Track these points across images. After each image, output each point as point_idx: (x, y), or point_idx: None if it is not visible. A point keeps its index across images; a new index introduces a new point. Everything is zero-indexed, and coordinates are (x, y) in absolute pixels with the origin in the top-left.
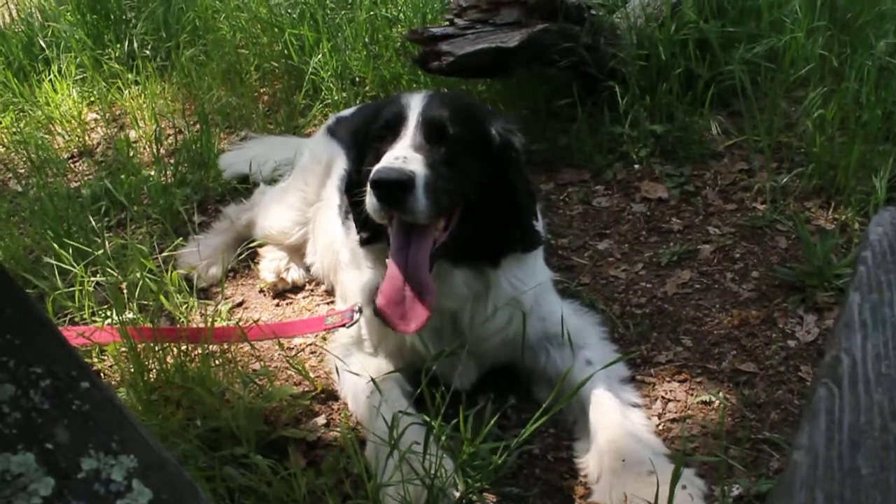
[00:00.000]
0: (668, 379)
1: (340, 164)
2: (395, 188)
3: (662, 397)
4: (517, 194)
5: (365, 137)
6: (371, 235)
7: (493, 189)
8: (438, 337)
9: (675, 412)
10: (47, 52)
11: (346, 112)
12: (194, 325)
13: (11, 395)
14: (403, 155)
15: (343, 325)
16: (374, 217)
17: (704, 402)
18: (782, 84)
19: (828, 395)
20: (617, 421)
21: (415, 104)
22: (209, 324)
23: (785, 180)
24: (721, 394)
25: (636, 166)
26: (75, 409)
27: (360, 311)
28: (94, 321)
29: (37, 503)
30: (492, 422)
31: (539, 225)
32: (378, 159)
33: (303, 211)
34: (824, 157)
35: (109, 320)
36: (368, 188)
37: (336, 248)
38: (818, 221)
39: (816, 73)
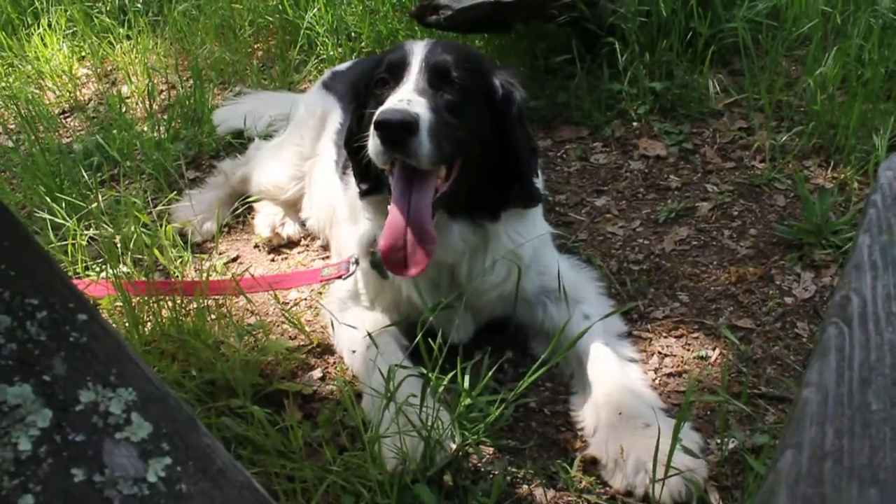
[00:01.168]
0: (664, 334)
1: (336, 118)
2: (400, 129)
3: (659, 352)
4: (518, 148)
5: (366, 86)
6: (371, 186)
7: (493, 141)
8: (436, 290)
9: (672, 367)
10: (36, 4)
11: (342, 66)
12: (189, 280)
13: (7, 326)
14: (408, 98)
15: (339, 277)
16: (377, 161)
17: (701, 358)
18: (784, 42)
19: (838, 334)
20: (614, 375)
21: (418, 50)
22: (204, 277)
23: (784, 139)
24: (717, 349)
25: (635, 123)
26: (72, 340)
27: (357, 263)
28: (88, 275)
29: (35, 434)
30: (488, 375)
31: (539, 181)
32: (380, 104)
33: (298, 165)
34: (825, 115)
35: (104, 274)
36: (372, 130)
37: (332, 203)
38: (817, 180)
39: (819, 30)
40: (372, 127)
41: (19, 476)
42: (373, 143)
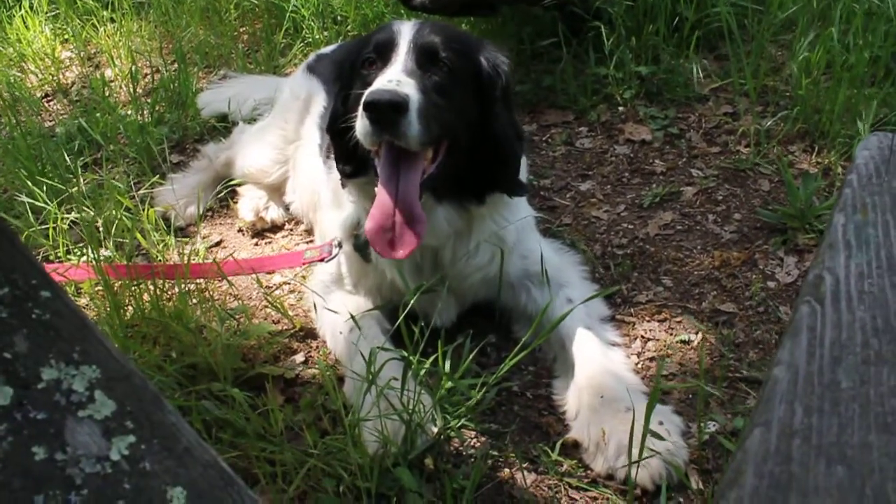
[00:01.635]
0: (647, 318)
1: (320, 102)
2: (389, 110)
3: (642, 336)
4: (499, 128)
5: (352, 66)
6: (355, 168)
7: (480, 123)
8: (419, 273)
9: (655, 351)
10: None
11: (327, 49)
12: (171, 263)
13: None
14: (396, 78)
15: (321, 260)
16: (365, 142)
17: (683, 342)
18: (769, 27)
19: (810, 313)
20: (596, 358)
21: (406, 30)
22: (186, 261)
23: (769, 124)
24: (700, 333)
25: (620, 108)
26: (35, 318)
27: (340, 245)
28: (69, 259)
29: None
30: (469, 357)
31: (523, 168)
32: (367, 85)
33: (282, 149)
34: (809, 100)
35: (85, 258)
36: (360, 111)
37: (316, 188)
38: (801, 165)
39: (804, 15)
40: (360, 107)
41: None
42: (361, 124)
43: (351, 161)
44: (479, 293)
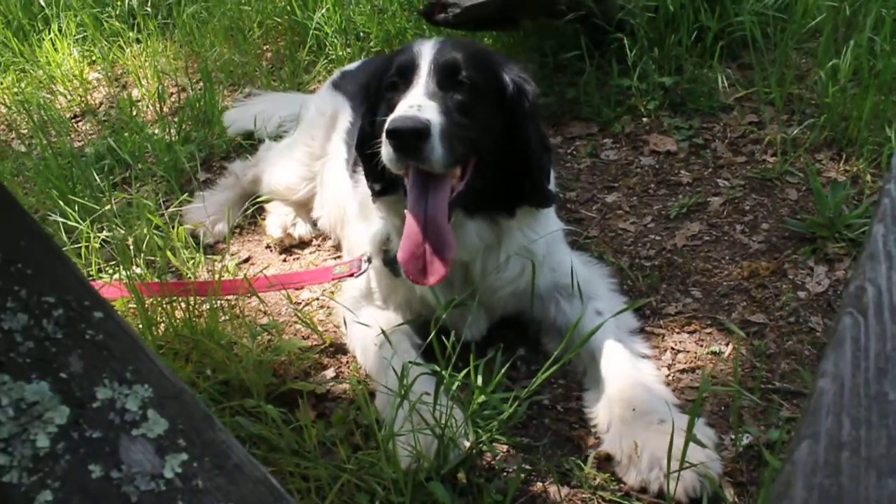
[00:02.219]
0: (677, 330)
1: (346, 118)
2: (411, 137)
3: (672, 348)
4: (530, 144)
5: (376, 89)
6: (385, 187)
7: (506, 138)
8: (449, 287)
9: (685, 363)
10: (46, 10)
11: (352, 66)
12: (202, 280)
13: (24, 324)
14: (418, 103)
15: (351, 275)
16: (391, 168)
17: (714, 353)
18: (793, 35)
19: (853, 324)
20: (627, 371)
21: (426, 51)
22: (216, 278)
23: (795, 132)
24: (730, 345)
25: (644, 119)
26: (88, 338)
27: (369, 261)
28: (101, 277)
29: (52, 431)
30: (501, 371)
31: (551, 179)
32: (391, 109)
33: (309, 166)
34: (836, 108)
35: (117, 276)
36: (384, 139)
37: (343, 203)
38: (829, 173)
39: (829, 22)
40: (384, 135)
41: (38, 472)
42: (385, 151)
43: (380, 180)
44: (508, 306)
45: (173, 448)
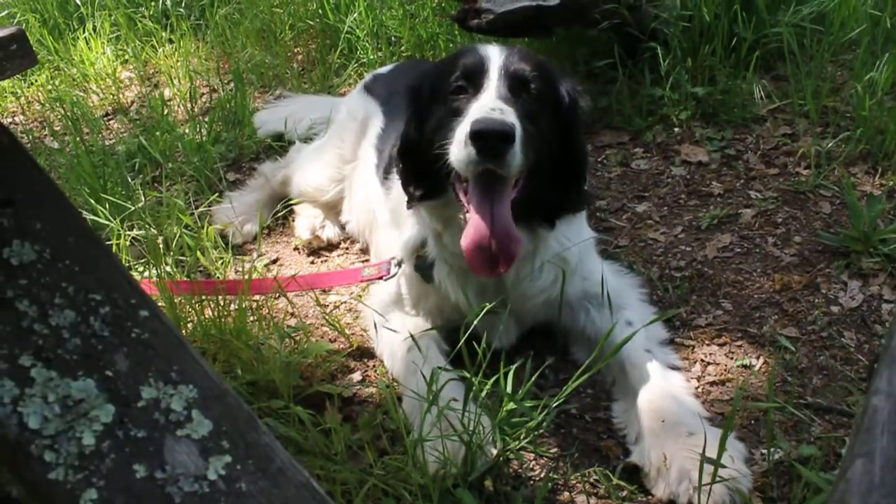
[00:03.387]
0: (707, 342)
1: (377, 123)
2: (497, 140)
3: (702, 360)
4: (581, 154)
5: (433, 92)
6: (427, 191)
7: (559, 148)
8: (482, 294)
9: (715, 375)
10: (82, 9)
11: (384, 70)
12: (231, 279)
13: (72, 321)
14: (499, 107)
15: (380, 278)
16: (464, 170)
17: (744, 366)
18: (830, 47)
19: None
20: (657, 382)
21: (494, 56)
22: (245, 278)
23: (830, 145)
24: (761, 358)
25: (676, 129)
26: (134, 336)
27: (399, 265)
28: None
29: (98, 429)
30: (531, 380)
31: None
32: (456, 113)
33: (339, 168)
34: (873, 121)
35: (147, 274)
36: (464, 139)
37: (372, 208)
38: (864, 187)
39: (867, 34)
40: (466, 136)
41: (83, 470)
42: (464, 153)
43: (422, 184)
44: (539, 315)
45: (217, 450)
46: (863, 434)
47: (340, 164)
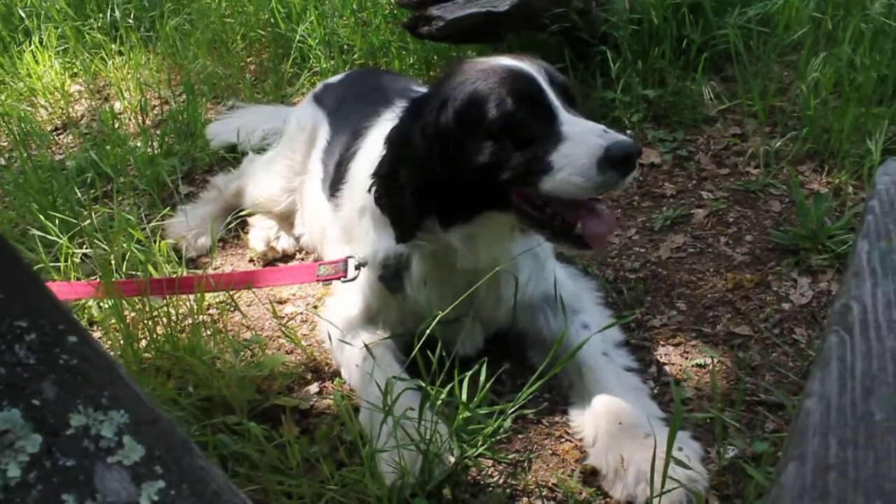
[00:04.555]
0: (662, 343)
1: (324, 135)
2: (636, 158)
3: (657, 361)
4: None
5: (463, 125)
6: (453, 218)
7: None
8: (449, 301)
9: (671, 376)
10: (27, 22)
11: (334, 79)
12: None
13: None
14: (603, 126)
15: (337, 278)
16: (584, 193)
17: (699, 366)
18: (775, 48)
19: (839, 343)
20: (613, 384)
21: (534, 72)
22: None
23: (778, 144)
24: (715, 357)
25: (628, 132)
26: (62, 363)
27: (358, 268)
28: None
29: (24, 460)
30: (486, 386)
31: None
32: (528, 141)
33: (290, 179)
34: (818, 120)
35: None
36: (596, 165)
37: (322, 224)
38: (812, 185)
39: (810, 36)
40: (600, 162)
41: (8, 503)
42: (597, 179)
43: (451, 215)
44: (505, 320)
45: (150, 475)
46: (796, 437)
47: (291, 175)
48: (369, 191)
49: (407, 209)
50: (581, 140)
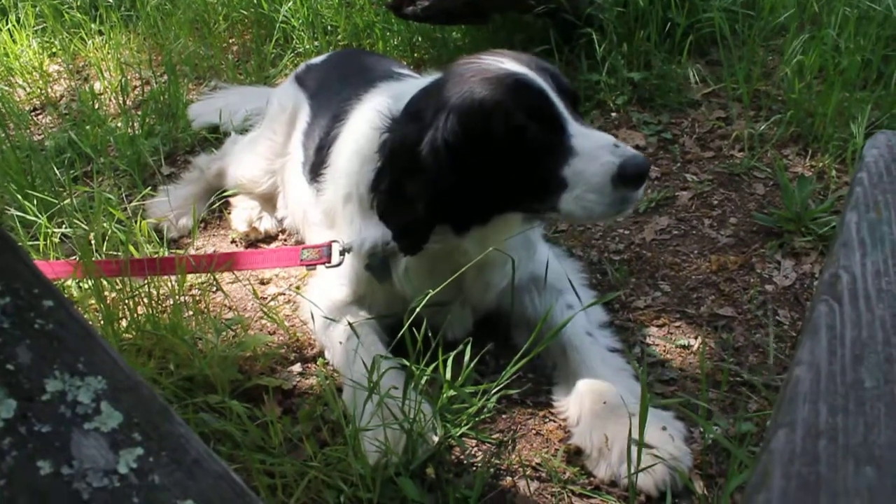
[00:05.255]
0: (646, 324)
1: (304, 117)
2: (647, 174)
3: (641, 342)
4: None
5: (469, 140)
6: (465, 223)
7: None
8: (443, 291)
9: (655, 356)
10: (3, 0)
11: (317, 60)
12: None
13: None
14: (613, 139)
15: (322, 263)
16: (598, 213)
17: (683, 346)
18: (760, 32)
19: (828, 312)
20: (597, 364)
21: (538, 79)
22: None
23: (763, 128)
24: (699, 338)
25: (613, 114)
26: (38, 328)
27: (342, 254)
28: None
29: None
30: (470, 366)
31: None
32: (538, 157)
33: (271, 160)
34: (802, 104)
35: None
36: (610, 184)
37: (304, 208)
38: (795, 168)
39: (795, 20)
40: (614, 180)
41: None
42: (611, 196)
43: (464, 224)
44: (494, 302)
45: (128, 442)
46: (785, 404)
47: (273, 156)
48: (371, 206)
49: (419, 223)
50: (593, 156)
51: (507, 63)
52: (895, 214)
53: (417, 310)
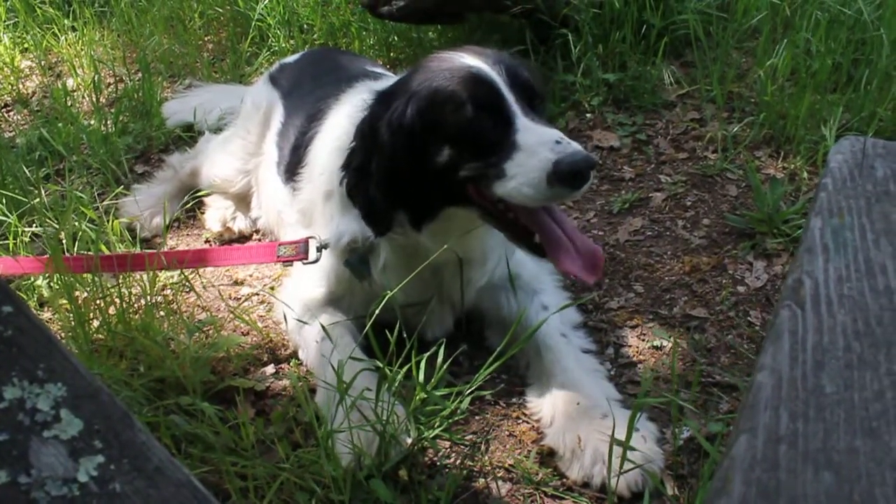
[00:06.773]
0: (620, 325)
1: (278, 116)
2: (589, 171)
3: (614, 343)
4: None
5: (426, 125)
6: (421, 216)
7: None
8: (423, 289)
9: (628, 357)
10: None
11: (290, 59)
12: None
13: None
14: (557, 135)
15: (298, 260)
16: (535, 203)
17: (656, 347)
18: (734, 34)
19: (791, 317)
20: (571, 366)
21: (489, 70)
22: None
23: (736, 129)
24: (672, 338)
25: (588, 115)
26: None
27: (320, 250)
28: (31, 274)
29: None
30: (444, 367)
31: None
32: (488, 149)
33: (245, 160)
34: (775, 106)
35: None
36: (545, 179)
37: (279, 208)
38: (768, 170)
39: (768, 22)
40: (549, 176)
41: None
42: (547, 192)
43: (418, 213)
44: (475, 300)
45: (88, 450)
46: (747, 410)
47: (247, 156)
48: (341, 184)
49: (377, 202)
50: (533, 151)
51: (466, 58)
52: (857, 220)
53: (383, 303)
